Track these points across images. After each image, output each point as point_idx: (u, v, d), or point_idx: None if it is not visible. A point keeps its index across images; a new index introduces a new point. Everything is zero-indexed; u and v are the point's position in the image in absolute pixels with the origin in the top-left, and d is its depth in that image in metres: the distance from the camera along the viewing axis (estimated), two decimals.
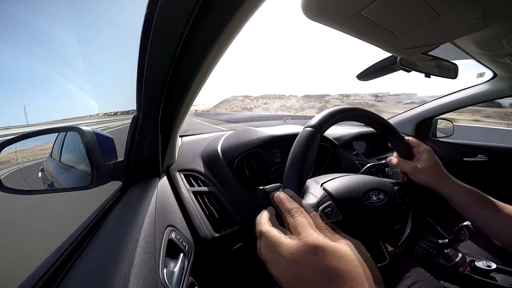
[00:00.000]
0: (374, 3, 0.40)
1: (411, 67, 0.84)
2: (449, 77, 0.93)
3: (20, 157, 1.63)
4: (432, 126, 1.49)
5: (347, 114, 0.48)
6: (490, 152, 1.31)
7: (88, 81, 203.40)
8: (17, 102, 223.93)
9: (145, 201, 0.50)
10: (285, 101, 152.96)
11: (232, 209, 0.67)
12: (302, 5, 0.42)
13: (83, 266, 0.36)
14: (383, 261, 0.43)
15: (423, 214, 0.51)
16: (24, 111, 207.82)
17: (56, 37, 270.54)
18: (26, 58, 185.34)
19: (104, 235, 0.42)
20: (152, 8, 0.35)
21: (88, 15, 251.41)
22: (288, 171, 0.40)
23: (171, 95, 0.54)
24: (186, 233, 0.55)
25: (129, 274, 0.32)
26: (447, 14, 0.43)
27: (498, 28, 0.59)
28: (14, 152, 0.56)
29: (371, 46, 0.55)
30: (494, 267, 0.65)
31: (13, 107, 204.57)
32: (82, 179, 0.61)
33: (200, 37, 0.40)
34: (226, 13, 0.35)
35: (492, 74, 1.12)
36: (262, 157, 0.84)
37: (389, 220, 0.47)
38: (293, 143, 0.42)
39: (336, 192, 0.44)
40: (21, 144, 0.54)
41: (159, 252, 0.40)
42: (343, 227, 0.42)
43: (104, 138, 0.61)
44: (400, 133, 0.55)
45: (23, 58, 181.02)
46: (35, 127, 5.60)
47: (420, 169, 0.50)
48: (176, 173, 0.73)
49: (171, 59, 0.43)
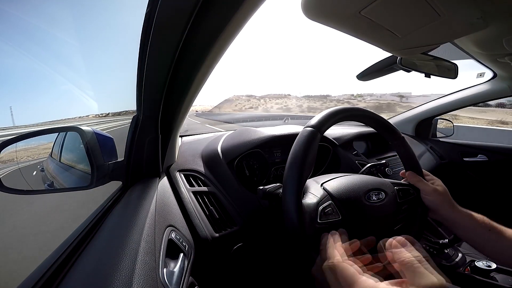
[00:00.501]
0: (374, 3, 0.40)
1: (411, 67, 0.84)
2: (449, 77, 0.93)
3: (25, 156, 1.63)
4: (432, 126, 1.49)
5: (347, 114, 0.48)
6: (490, 152, 1.31)
7: (88, 81, 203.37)
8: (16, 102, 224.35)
9: (145, 201, 0.50)
10: (296, 100, 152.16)
11: (232, 209, 0.67)
12: (302, 5, 0.42)
13: (83, 266, 0.36)
14: None
15: (424, 214, 0.51)
16: (10, 113, 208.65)
17: (56, 37, 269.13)
18: (26, 58, 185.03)
19: (104, 235, 0.42)
20: (152, 8, 0.35)
21: (88, 15, 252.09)
22: (288, 171, 0.40)
23: (171, 95, 0.54)
24: (186, 233, 0.55)
25: (129, 274, 0.32)
26: (447, 14, 0.43)
27: (498, 28, 0.59)
28: (14, 152, 0.56)
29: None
30: (494, 267, 0.65)
31: (7, 108, 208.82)
32: (82, 179, 0.61)
33: (200, 37, 0.40)
34: (226, 13, 0.35)
35: (492, 74, 1.12)
36: (262, 157, 0.84)
37: (389, 220, 0.47)
38: (293, 143, 0.42)
39: (336, 192, 0.44)
40: (21, 144, 0.54)
41: (159, 252, 0.40)
42: (343, 226, 0.42)
43: (104, 138, 0.61)
44: (400, 132, 0.55)
45: (22, 57, 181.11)
46: (35, 127, 5.59)
47: (435, 191, 0.51)
48: (176, 173, 0.73)
49: (171, 59, 0.43)
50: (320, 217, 0.40)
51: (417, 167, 0.54)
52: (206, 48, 0.42)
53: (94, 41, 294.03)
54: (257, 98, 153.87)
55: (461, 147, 1.38)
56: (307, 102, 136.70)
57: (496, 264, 0.66)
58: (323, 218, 0.40)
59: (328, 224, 0.41)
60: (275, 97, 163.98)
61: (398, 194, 0.49)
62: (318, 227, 0.40)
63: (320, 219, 0.40)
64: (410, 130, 1.50)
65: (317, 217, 0.40)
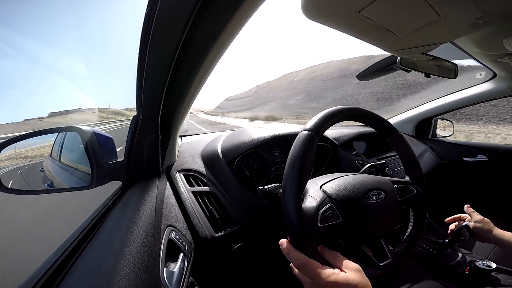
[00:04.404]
0: (373, 3, 0.40)
1: (411, 67, 0.84)
2: (449, 77, 0.93)
3: (29, 155, 1.62)
4: (432, 126, 1.49)
5: (344, 115, 0.47)
6: (490, 152, 1.31)
7: (88, 81, 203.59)
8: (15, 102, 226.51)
9: (145, 201, 0.50)
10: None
11: (232, 209, 0.67)
12: (301, 5, 0.42)
13: (83, 266, 0.36)
14: (385, 259, 0.43)
15: (424, 211, 0.51)
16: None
17: (56, 37, 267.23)
18: (25, 58, 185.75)
19: (104, 235, 0.42)
20: (152, 8, 0.35)
21: (88, 15, 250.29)
22: (287, 175, 0.40)
23: (171, 95, 0.54)
24: (186, 233, 0.55)
25: (129, 274, 0.32)
26: (447, 14, 0.43)
27: (498, 28, 0.59)
28: (14, 152, 0.56)
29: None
30: (494, 267, 0.64)
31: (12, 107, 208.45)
32: (82, 179, 0.61)
33: (200, 37, 0.40)
34: (226, 13, 0.35)
35: (492, 74, 1.12)
36: (262, 157, 0.84)
37: (389, 219, 0.47)
38: (292, 146, 0.42)
39: (336, 193, 0.44)
40: (22, 144, 0.54)
41: (159, 252, 0.40)
42: (344, 228, 0.42)
43: (104, 138, 0.61)
44: (398, 130, 0.55)
45: (22, 57, 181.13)
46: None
47: (483, 219, 0.67)
48: (176, 173, 0.73)
49: (171, 59, 0.43)
50: (320, 220, 0.40)
51: (416, 165, 0.54)
52: (206, 49, 0.42)
53: (94, 41, 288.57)
54: None
55: (461, 147, 1.38)
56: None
57: (496, 264, 0.66)
58: (323, 222, 0.40)
59: (329, 227, 0.40)
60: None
61: (398, 193, 0.49)
62: (319, 231, 0.39)
63: (320, 223, 0.40)
64: (410, 130, 1.50)
65: (317, 221, 0.40)
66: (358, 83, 20.09)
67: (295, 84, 37.11)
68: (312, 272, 0.35)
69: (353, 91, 21.81)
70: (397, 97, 15.35)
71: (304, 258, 0.36)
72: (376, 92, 17.50)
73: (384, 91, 16.79)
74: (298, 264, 0.36)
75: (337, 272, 0.35)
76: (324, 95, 26.01)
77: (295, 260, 0.37)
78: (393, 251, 0.45)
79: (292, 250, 0.37)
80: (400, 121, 1.54)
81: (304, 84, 33.68)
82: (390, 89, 16.48)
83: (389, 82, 16.68)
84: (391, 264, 0.43)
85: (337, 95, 23.69)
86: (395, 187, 0.49)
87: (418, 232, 0.50)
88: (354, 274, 0.35)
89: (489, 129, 7.15)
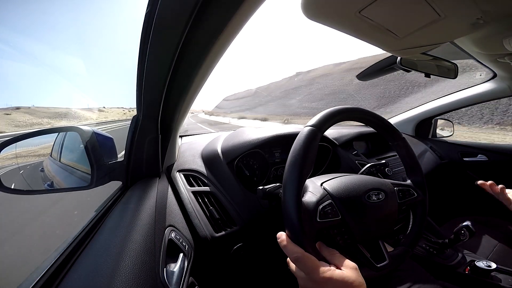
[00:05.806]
0: (373, 3, 0.40)
1: (411, 67, 0.85)
2: (449, 77, 0.93)
3: (31, 155, 1.62)
4: (432, 126, 1.49)
5: (347, 115, 0.48)
6: (490, 152, 1.31)
7: (88, 81, 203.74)
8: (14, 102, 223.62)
9: (145, 201, 0.50)
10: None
11: (232, 209, 0.67)
12: (301, 5, 0.42)
13: (83, 266, 0.36)
14: (382, 261, 0.43)
15: (423, 214, 0.51)
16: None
17: (56, 37, 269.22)
18: (25, 58, 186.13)
19: (104, 235, 0.42)
20: (152, 8, 0.35)
21: (88, 15, 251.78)
22: (288, 169, 0.40)
23: (171, 95, 0.54)
24: (186, 233, 0.55)
25: (129, 274, 0.32)
26: (447, 14, 0.43)
27: (498, 28, 0.59)
28: (14, 152, 0.56)
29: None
30: (494, 267, 0.64)
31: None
32: (82, 179, 0.61)
33: (200, 37, 0.40)
34: (226, 13, 0.35)
35: (492, 74, 1.12)
36: (262, 157, 0.84)
37: (389, 220, 0.47)
38: (294, 142, 0.42)
39: (336, 191, 0.44)
40: (22, 144, 0.54)
41: (159, 252, 0.40)
42: (343, 226, 0.42)
43: (104, 138, 0.61)
44: (400, 133, 0.55)
45: (21, 57, 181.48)
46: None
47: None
48: (176, 173, 0.73)
49: (171, 59, 0.43)
50: (319, 216, 0.40)
51: (417, 169, 0.54)
52: (206, 48, 0.42)
53: (94, 41, 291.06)
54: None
55: (461, 147, 1.38)
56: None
57: (496, 264, 0.66)
58: (322, 218, 0.40)
59: (327, 224, 0.40)
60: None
61: (398, 195, 0.49)
62: (317, 226, 0.40)
63: (319, 218, 0.40)
64: (410, 130, 1.50)
65: (316, 216, 0.40)
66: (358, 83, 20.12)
67: (295, 85, 37.18)
68: (308, 267, 0.35)
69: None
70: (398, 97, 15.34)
71: (301, 252, 0.36)
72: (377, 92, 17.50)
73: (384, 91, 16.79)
74: (294, 257, 0.36)
75: (333, 269, 0.34)
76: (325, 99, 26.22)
77: (292, 253, 0.36)
78: (390, 254, 0.45)
79: (290, 243, 0.37)
80: (400, 121, 1.54)
81: (305, 83, 33.82)
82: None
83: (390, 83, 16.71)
84: (387, 266, 0.43)
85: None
86: (395, 189, 0.49)
87: (417, 235, 0.50)
88: (350, 272, 0.35)
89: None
